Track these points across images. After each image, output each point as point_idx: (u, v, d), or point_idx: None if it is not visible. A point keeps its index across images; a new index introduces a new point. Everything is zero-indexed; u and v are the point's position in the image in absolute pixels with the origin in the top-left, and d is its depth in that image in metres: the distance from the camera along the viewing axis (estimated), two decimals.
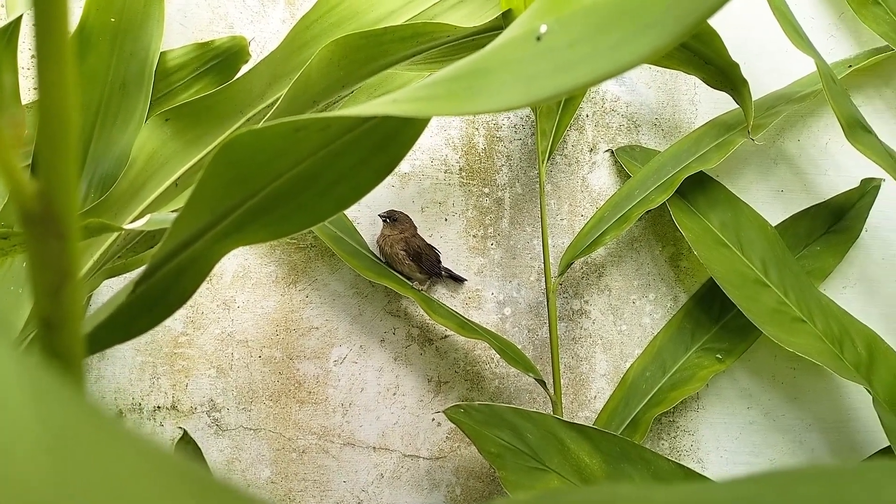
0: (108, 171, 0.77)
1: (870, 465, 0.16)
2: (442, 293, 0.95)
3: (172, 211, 0.63)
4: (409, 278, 0.89)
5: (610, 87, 0.98)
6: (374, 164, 0.37)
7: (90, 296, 0.82)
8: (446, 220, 0.94)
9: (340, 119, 0.30)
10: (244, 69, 0.82)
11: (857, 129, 0.81)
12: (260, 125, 0.28)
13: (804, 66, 0.96)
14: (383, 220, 0.89)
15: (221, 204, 0.32)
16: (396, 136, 0.36)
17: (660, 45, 0.28)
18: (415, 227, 0.90)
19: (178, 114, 0.69)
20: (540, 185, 0.90)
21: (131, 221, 0.65)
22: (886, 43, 0.96)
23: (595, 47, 0.28)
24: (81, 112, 0.76)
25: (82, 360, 0.24)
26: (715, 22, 0.68)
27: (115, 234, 0.61)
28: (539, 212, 0.95)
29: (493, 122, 0.96)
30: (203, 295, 0.89)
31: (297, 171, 0.34)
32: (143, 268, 0.33)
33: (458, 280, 0.94)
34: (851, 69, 0.97)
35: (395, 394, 0.93)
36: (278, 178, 0.33)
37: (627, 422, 0.88)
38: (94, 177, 0.77)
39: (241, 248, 0.90)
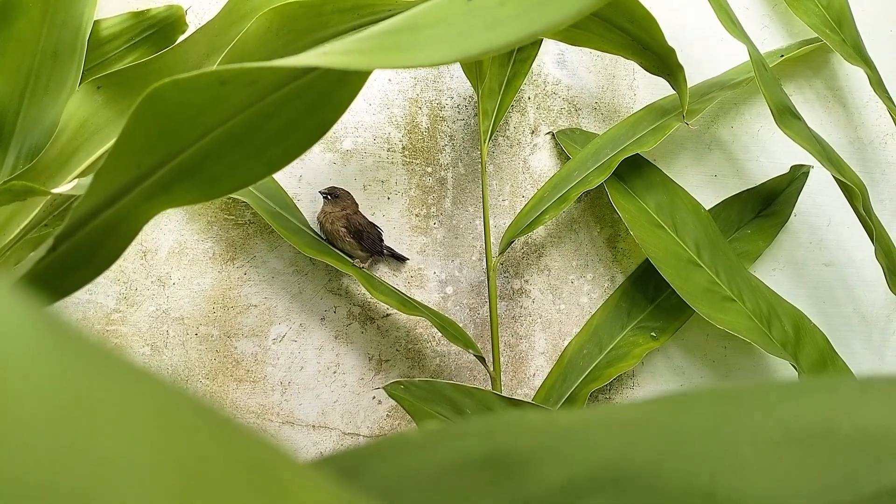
0: (37, 142, 0.74)
1: (765, 384, 0.17)
2: (384, 272, 0.95)
3: None
4: (350, 256, 0.89)
5: (552, 71, 0.99)
6: (307, 125, 0.36)
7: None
8: (389, 198, 0.94)
9: (269, 71, 0.30)
10: (181, 40, 0.79)
11: (786, 116, 0.84)
12: (183, 75, 0.27)
13: (739, 55, 0.98)
14: (324, 197, 0.88)
15: (146, 159, 0.32)
16: (330, 96, 0.36)
17: (585, 7, 0.29)
18: (356, 205, 0.90)
19: (110, 81, 0.67)
20: (482, 165, 0.91)
21: None
22: (816, 34, 0.99)
23: (523, 6, 0.29)
24: (10, 80, 0.74)
25: None
26: (653, 9, 0.69)
27: (42, 203, 0.59)
28: (481, 192, 0.95)
29: (437, 101, 0.96)
30: (137, 271, 0.87)
31: (225, 128, 0.33)
32: (64, 222, 0.32)
33: (401, 259, 0.94)
34: (783, 58, 1.00)
35: (335, 372, 0.92)
36: (205, 135, 0.33)
37: (565, 398, 0.90)
38: (23, 146, 0.75)
39: (176, 224, 0.88)
